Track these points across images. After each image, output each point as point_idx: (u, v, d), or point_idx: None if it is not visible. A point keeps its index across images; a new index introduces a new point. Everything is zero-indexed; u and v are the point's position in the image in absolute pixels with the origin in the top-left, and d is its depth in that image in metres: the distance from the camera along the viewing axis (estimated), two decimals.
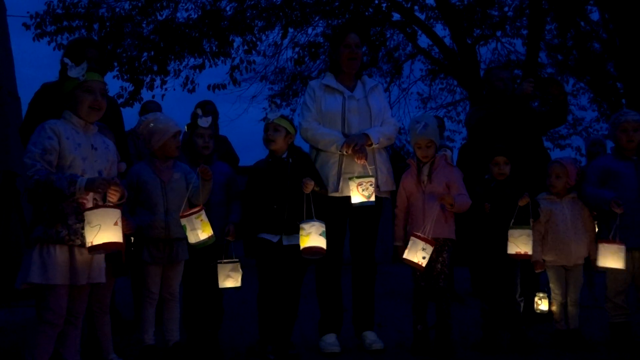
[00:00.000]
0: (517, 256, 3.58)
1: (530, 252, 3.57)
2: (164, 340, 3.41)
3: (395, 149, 13.16)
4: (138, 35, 9.73)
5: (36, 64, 13.62)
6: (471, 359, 3.46)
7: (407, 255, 3.46)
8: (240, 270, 3.54)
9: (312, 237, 3.30)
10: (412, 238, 3.48)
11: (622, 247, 3.51)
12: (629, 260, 3.61)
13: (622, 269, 3.53)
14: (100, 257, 2.79)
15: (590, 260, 3.77)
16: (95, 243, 2.57)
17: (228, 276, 3.51)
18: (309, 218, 3.36)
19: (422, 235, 3.46)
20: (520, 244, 3.56)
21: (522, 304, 3.76)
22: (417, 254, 3.43)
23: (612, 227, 3.56)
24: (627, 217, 3.56)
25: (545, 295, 3.81)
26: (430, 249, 3.44)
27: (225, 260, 3.51)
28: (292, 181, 3.55)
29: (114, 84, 10.26)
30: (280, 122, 3.62)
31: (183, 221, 3.20)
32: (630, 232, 3.57)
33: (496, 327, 3.75)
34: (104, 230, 2.57)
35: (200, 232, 3.18)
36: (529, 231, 3.57)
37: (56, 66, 3.79)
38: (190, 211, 3.20)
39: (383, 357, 3.51)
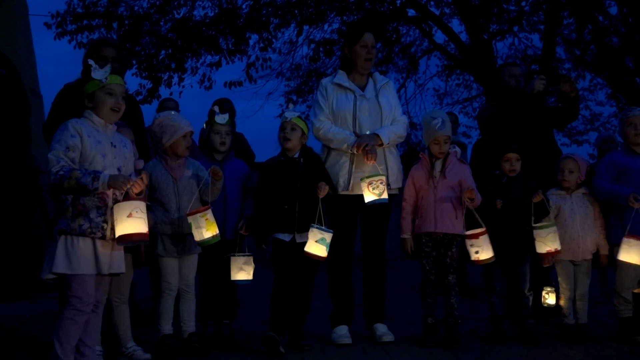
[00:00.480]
0: (548, 254, 3.64)
1: (559, 248, 3.63)
2: (181, 330, 3.53)
3: (411, 144, 13.19)
4: (156, 33, 9.90)
5: (56, 61, 13.88)
6: (479, 351, 3.53)
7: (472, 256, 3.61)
8: (253, 264, 3.64)
9: (312, 244, 3.46)
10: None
11: None
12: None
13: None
14: (120, 249, 2.92)
15: (600, 255, 3.82)
16: (119, 234, 2.75)
17: (241, 269, 3.62)
18: (319, 222, 3.50)
19: (473, 232, 3.60)
20: (549, 242, 3.62)
21: (530, 299, 3.82)
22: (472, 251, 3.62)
23: (626, 223, 3.59)
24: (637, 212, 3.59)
25: (553, 289, 3.86)
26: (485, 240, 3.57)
27: (238, 254, 3.62)
28: (303, 182, 3.65)
29: (132, 81, 10.45)
30: (297, 122, 3.72)
31: (189, 219, 3.32)
32: None
33: (505, 321, 3.81)
34: (128, 222, 2.74)
35: (205, 230, 3.30)
36: (554, 227, 3.64)
37: (76, 63, 3.92)
38: (196, 210, 3.33)
39: (393, 349, 3.58)
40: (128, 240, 2.79)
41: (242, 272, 3.62)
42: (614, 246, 3.71)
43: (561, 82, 4.36)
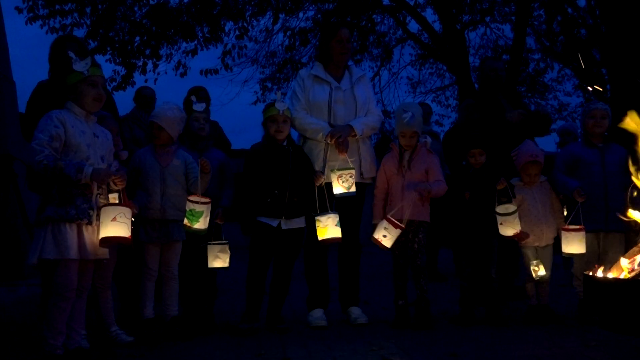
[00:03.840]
0: (513, 237, 3.85)
1: (519, 230, 3.83)
2: (163, 314, 3.63)
3: (384, 132, 13.36)
4: (130, 19, 9.81)
5: (26, 45, 13.60)
6: (448, 332, 3.70)
7: (376, 235, 3.74)
8: (229, 251, 3.76)
9: (330, 229, 3.62)
10: (383, 220, 3.72)
11: (583, 232, 3.75)
12: (595, 240, 3.87)
13: (583, 253, 3.77)
14: None
15: (560, 239, 4.03)
16: (102, 235, 2.88)
17: (217, 257, 3.73)
18: (323, 210, 3.66)
19: (393, 220, 3.71)
20: (512, 226, 3.82)
21: (497, 282, 4.02)
22: (380, 233, 3.73)
23: (571, 214, 3.79)
24: (593, 201, 3.81)
25: (540, 261, 3.99)
26: (396, 232, 3.71)
27: (214, 242, 3.73)
28: (294, 169, 3.76)
29: (106, 67, 10.35)
30: (288, 114, 3.82)
31: (201, 207, 3.45)
32: (596, 216, 3.82)
33: (473, 303, 4.00)
34: (112, 225, 2.86)
35: (203, 219, 3.47)
36: (516, 212, 3.82)
37: (47, 46, 3.91)
38: (205, 200, 3.46)
39: (367, 330, 3.74)
40: (110, 242, 2.92)
41: (218, 260, 3.73)
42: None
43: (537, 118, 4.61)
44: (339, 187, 3.69)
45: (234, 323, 3.88)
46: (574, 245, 3.76)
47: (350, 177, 3.70)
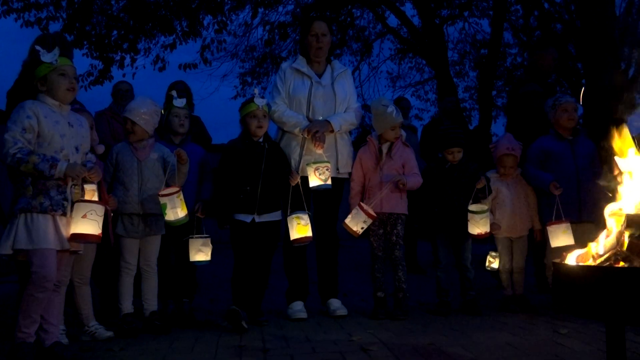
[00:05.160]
0: (479, 236, 3.92)
1: (488, 231, 3.91)
2: (142, 309, 3.63)
3: (364, 127, 13.42)
4: (107, 13, 9.68)
5: (2, 39, 13.38)
6: (426, 322, 3.77)
7: (348, 221, 3.79)
8: (210, 245, 3.77)
9: (301, 229, 3.69)
10: (356, 208, 3.78)
11: (568, 224, 3.83)
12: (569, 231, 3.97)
13: (573, 244, 3.85)
14: None
15: (534, 231, 4.12)
16: (72, 232, 2.87)
17: (199, 250, 3.74)
18: (300, 209, 3.72)
19: (366, 207, 3.76)
20: (480, 225, 3.90)
21: (473, 272, 4.10)
22: (358, 224, 3.76)
23: (552, 206, 3.87)
24: (565, 194, 3.90)
25: (497, 254, 4.12)
26: (369, 221, 3.77)
27: (196, 236, 3.74)
28: (267, 165, 3.78)
29: (83, 62, 10.23)
30: (266, 109, 3.85)
31: (164, 200, 3.42)
32: (569, 208, 3.91)
33: (450, 293, 4.07)
34: (82, 222, 2.85)
35: (180, 210, 3.44)
36: (487, 213, 3.91)
37: (23, 42, 3.87)
38: (171, 190, 3.43)
39: (346, 322, 3.79)
40: (80, 239, 2.90)
41: (200, 253, 3.74)
42: (544, 224, 4.00)
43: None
44: (316, 179, 3.73)
45: (214, 318, 3.91)
46: (561, 238, 3.83)
47: (327, 170, 3.73)
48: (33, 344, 2.83)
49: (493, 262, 4.20)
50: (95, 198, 3.00)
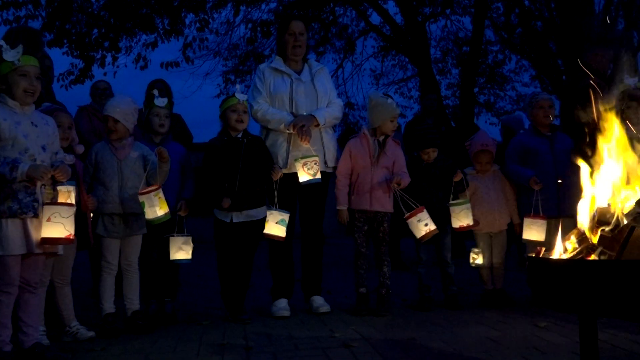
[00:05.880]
0: (461, 228, 3.96)
1: (472, 223, 3.95)
2: (124, 309, 3.62)
3: (348, 124, 13.46)
4: (87, 11, 9.59)
5: None
6: (408, 317, 3.81)
7: (419, 234, 3.79)
8: (192, 244, 3.77)
9: (274, 227, 3.69)
10: (412, 218, 3.77)
11: (544, 221, 3.90)
12: (549, 226, 4.01)
13: (542, 241, 3.91)
14: None
15: (514, 225, 4.18)
16: (41, 236, 2.82)
17: (180, 249, 3.74)
18: (283, 205, 3.73)
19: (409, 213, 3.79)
20: (462, 218, 3.94)
21: (453, 267, 4.15)
22: (421, 226, 3.77)
23: (532, 201, 3.93)
24: (544, 189, 3.95)
25: (481, 250, 4.17)
26: (426, 214, 3.77)
27: (177, 235, 3.73)
28: (245, 161, 3.79)
29: (63, 60, 10.12)
30: (247, 104, 3.84)
31: (142, 198, 3.40)
32: (548, 203, 3.97)
33: (431, 289, 4.12)
34: (46, 226, 2.80)
35: (158, 208, 3.42)
36: (468, 204, 3.95)
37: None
38: (149, 189, 3.41)
39: (329, 318, 3.81)
40: (50, 243, 2.84)
41: (181, 251, 3.74)
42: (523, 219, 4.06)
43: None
44: (305, 174, 3.74)
45: (197, 316, 3.90)
46: (534, 232, 3.90)
47: (315, 164, 3.75)
48: (10, 352, 2.78)
49: (477, 258, 4.23)
50: (72, 198, 2.95)
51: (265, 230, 3.70)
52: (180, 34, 10.11)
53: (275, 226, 3.68)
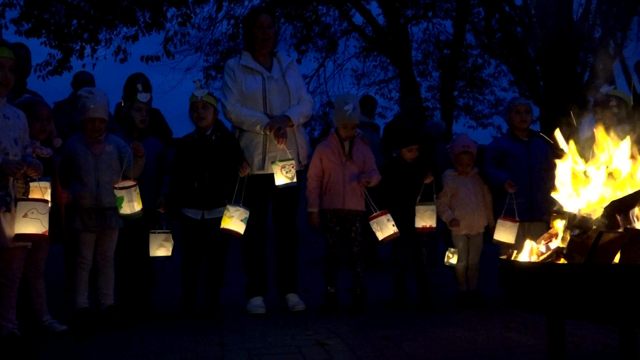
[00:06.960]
0: (423, 229, 4.02)
1: (434, 225, 4.01)
2: (99, 303, 3.60)
3: (329, 123, 13.47)
4: (67, 1, 9.44)
5: None
6: (382, 317, 3.85)
7: (381, 237, 3.86)
8: (172, 240, 3.75)
9: (234, 222, 3.64)
10: (378, 218, 3.84)
11: (516, 224, 3.97)
12: (521, 230, 4.10)
13: (512, 243, 3.98)
14: None
15: (490, 228, 4.25)
16: (15, 232, 2.81)
17: (161, 245, 3.73)
18: (236, 202, 3.67)
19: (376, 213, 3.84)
20: (426, 219, 4.00)
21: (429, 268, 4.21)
22: (388, 227, 3.83)
23: (505, 204, 4.00)
24: (519, 193, 4.03)
25: (457, 250, 4.22)
26: (388, 216, 3.84)
27: (157, 231, 3.71)
28: (213, 158, 3.78)
29: (41, 50, 9.95)
30: (208, 99, 3.82)
31: (121, 193, 3.37)
32: (522, 206, 4.04)
33: (406, 289, 4.16)
34: (23, 222, 2.78)
35: (136, 204, 3.41)
36: (433, 206, 4.01)
37: None
38: (127, 184, 3.39)
39: (304, 317, 3.83)
40: (25, 239, 2.83)
41: (162, 248, 3.73)
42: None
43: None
44: (282, 177, 3.74)
45: (171, 312, 3.89)
46: (505, 234, 3.97)
47: (292, 167, 3.76)
48: None
49: (452, 258, 4.28)
50: (48, 195, 2.92)
51: (226, 226, 3.66)
52: (162, 28, 10.03)
53: (238, 223, 3.66)
